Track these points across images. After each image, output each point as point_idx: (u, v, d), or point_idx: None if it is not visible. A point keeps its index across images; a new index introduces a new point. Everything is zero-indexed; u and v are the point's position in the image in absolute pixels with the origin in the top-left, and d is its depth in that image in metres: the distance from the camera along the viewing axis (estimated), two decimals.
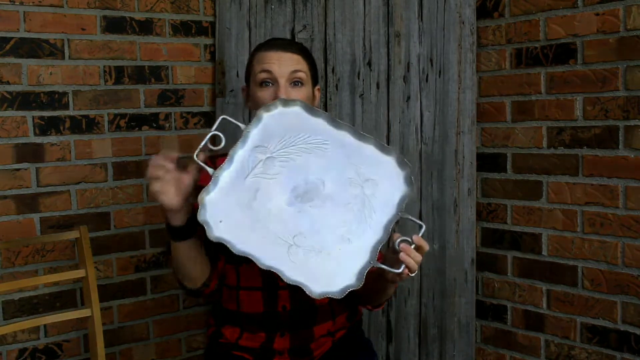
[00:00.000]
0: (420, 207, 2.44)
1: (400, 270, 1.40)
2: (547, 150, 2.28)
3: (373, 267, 1.41)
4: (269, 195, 1.44)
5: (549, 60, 2.25)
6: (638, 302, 2.09)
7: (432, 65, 2.41)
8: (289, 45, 1.67)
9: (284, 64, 1.62)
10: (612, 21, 2.09)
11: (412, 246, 1.41)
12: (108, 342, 2.22)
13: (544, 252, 2.31)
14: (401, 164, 1.47)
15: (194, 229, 1.47)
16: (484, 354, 2.51)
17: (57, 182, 2.21)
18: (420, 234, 1.44)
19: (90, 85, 2.25)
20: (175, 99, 2.43)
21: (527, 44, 2.30)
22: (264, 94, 1.62)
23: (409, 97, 2.41)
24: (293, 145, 1.48)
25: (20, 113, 2.14)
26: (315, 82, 1.72)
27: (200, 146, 1.40)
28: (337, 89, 2.40)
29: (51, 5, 2.16)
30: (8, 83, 2.11)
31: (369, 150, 1.47)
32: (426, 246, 1.43)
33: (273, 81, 1.62)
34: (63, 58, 2.20)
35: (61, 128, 2.21)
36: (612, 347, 2.16)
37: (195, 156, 1.40)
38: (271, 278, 1.61)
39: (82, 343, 2.28)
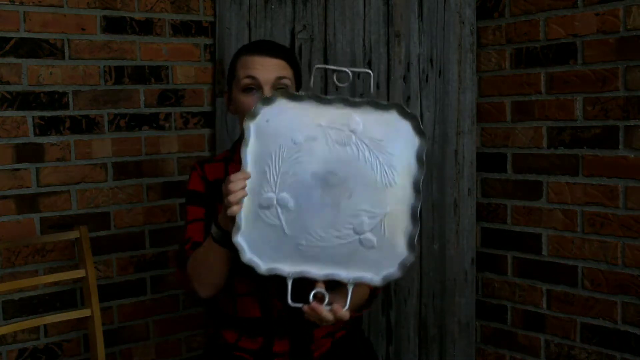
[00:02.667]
0: (420, 207, 2.44)
1: (293, 305, 1.39)
2: (547, 150, 2.28)
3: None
4: (313, 153, 1.40)
5: (549, 60, 2.25)
6: (638, 302, 2.09)
7: (432, 65, 2.41)
8: (274, 50, 1.64)
9: (269, 70, 1.59)
10: (612, 21, 2.09)
11: (325, 305, 1.38)
12: (108, 342, 2.22)
13: (544, 252, 2.31)
14: (402, 267, 1.41)
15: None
16: (484, 354, 2.51)
17: (57, 182, 2.21)
18: (344, 309, 1.39)
19: (90, 85, 2.25)
20: (175, 99, 2.43)
21: (527, 44, 2.30)
22: (248, 100, 1.60)
23: (409, 97, 2.41)
24: (377, 149, 1.42)
25: (20, 113, 2.14)
26: (298, 87, 1.70)
27: (311, 83, 1.44)
28: (337, 89, 2.40)
29: (51, 5, 2.16)
30: (8, 83, 2.11)
31: (403, 221, 1.44)
32: (344, 317, 1.41)
33: (257, 87, 1.60)
34: (63, 58, 2.20)
35: (61, 128, 2.21)
36: (612, 347, 2.16)
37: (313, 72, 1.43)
38: (266, 286, 1.60)
39: (82, 343, 2.28)
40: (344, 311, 1.39)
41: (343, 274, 1.40)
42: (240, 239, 1.40)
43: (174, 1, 2.40)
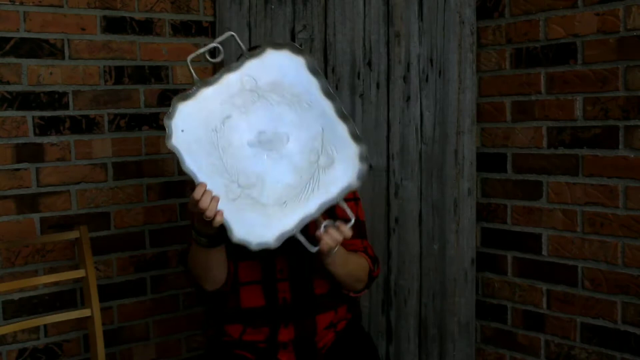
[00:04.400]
0: (420, 207, 2.44)
1: (314, 249, 1.48)
2: (547, 150, 2.28)
3: (293, 236, 1.47)
4: (236, 128, 1.47)
5: (549, 60, 2.25)
6: (638, 302, 2.09)
7: (432, 65, 2.41)
8: None
9: None
10: (612, 21, 2.09)
11: (334, 227, 1.49)
12: (108, 342, 2.22)
13: (544, 252, 2.31)
14: (362, 158, 1.50)
15: (224, 233, 1.49)
16: (484, 354, 2.51)
17: (57, 182, 2.21)
18: (348, 225, 1.49)
19: (90, 85, 2.25)
20: None
21: (527, 44, 2.30)
22: None
23: (409, 97, 2.41)
24: (279, 92, 1.48)
25: (20, 113, 2.14)
26: None
27: (198, 52, 1.44)
28: (337, 88, 2.40)
29: (51, 5, 2.16)
30: (8, 83, 2.11)
31: (343, 131, 1.50)
32: (348, 234, 1.51)
33: None
34: (63, 58, 2.20)
35: (61, 128, 2.21)
36: (612, 347, 2.16)
37: (188, 60, 1.43)
38: (270, 271, 1.65)
39: (82, 343, 2.28)
40: (349, 228, 1.50)
41: (328, 197, 1.50)
42: (238, 236, 1.46)
43: (174, 1, 2.40)
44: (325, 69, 2.40)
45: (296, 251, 1.55)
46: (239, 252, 1.57)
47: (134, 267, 2.38)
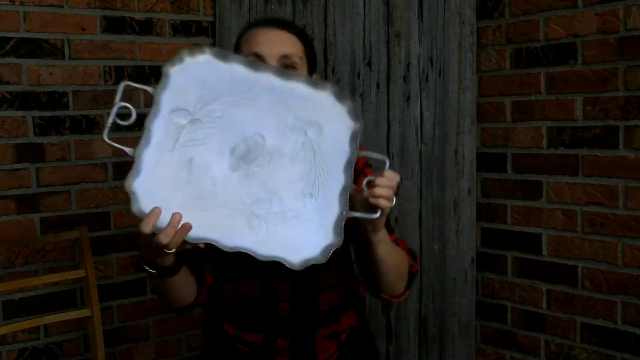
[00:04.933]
0: (420, 207, 2.44)
1: (377, 215, 1.23)
2: (547, 150, 2.28)
3: (348, 217, 1.24)
4: (206, 164, 1.23)
5: (549, 60, 2.25)
6: (638, 302, 2.09)
7: (432, 65, 2.41)
8: (284, 24, 1.43)
9: (274, 45, 1.37)
10: (612, 21, 2.09)
11: (379, 181, 1.24)
12: (108, 342, 2.22)
13: (544, 252, 2.31)
14: (339, 97, 1.28)
15: (181, 258, 1.30)
16: (484, 354, 2.51)
17: (57, 182, 2.21)
18: (386, 166, 1.26)
19: (90, 85, 2.25)
20: None
21: (527, 44, 2.30)
22: None
23: (409, 97, 2.41)
24: (215, 101, 1.25)
25: (20, 113, 2.14)
26: (312, 69, 1.46)
27: (108, 124, 1.19)
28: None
29: (51, 5, 2.16)
30: (8, 83, 2.11)
31: (301, 89, 1.27)
32: (396, 177, 1.26)
33: None
34: (63, 58, 2.20)
35: (61, 128, 2.21)
36: (612, 347, 2.16)
37: (105, 137, 1.19)
38: (271, 291, 1.45)
39: (82, 343, 2.28)
40: (389, 169, 1.26)
41: (345, 156, 1.27)
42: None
43: (174, 1, 2.40)
44: (325, 69, 2.40)
45: (301, 275, 1.31)
46: (238, 271, 1.41)
47: (134, 267, 2.38)
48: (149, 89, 1.20)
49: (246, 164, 1.24)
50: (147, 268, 1.28)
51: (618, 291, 2.13)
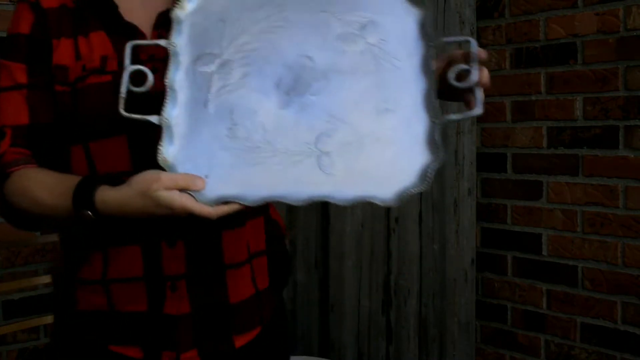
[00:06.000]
0: (420, 207, 2.44)
1: (480, 111, 1.03)
2: (547, 150, 2.28)
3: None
4: (251, 109, 1.01)
5: (549, 60, 2.25)
6: (638, 302, 2.09)
7: None
8: None
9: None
10: (612, 21, 2.09)
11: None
12: None
13: (544, 252, 2.31)
14: None
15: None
16: (484, 354, 2.51)
17: None
18: (472, 49, 1.04)
19: None
20: None
21: (527, 44, 2.30)
22: None
23: None
24: (243, 33, 1.04)
25: None
26: None
27: (122, 94, 0.95)
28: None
29: None
30: None
31: None
32: (485, 55, 1.03)
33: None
34: None
35: None
36: (612, 347, 2.16)
37: (121, 110, 0.94)
38: (156, 265, 1.02)
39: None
40: (475, 52, 1.00)
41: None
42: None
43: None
44: None
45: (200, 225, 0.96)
46: (111, 236, 1.02)
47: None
48: (162, 42, 1.01)
49: (298, 95, 1.01)
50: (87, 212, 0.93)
51: (618, 291, 2.13)
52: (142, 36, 1.04)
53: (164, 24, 1.04)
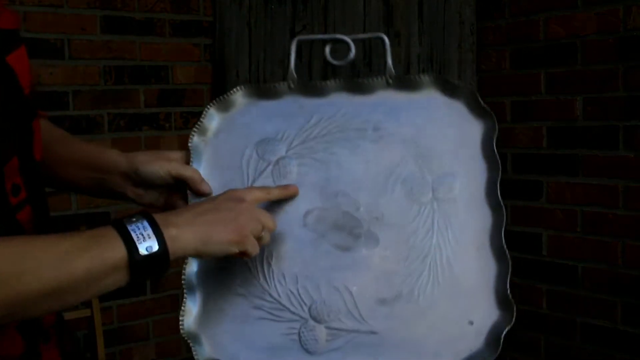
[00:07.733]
0: None
1: None
2: (547, 150, 2.28)
3: None
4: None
5: (549, 60, 2.25)
6: (638, 302, 2.09)
7: (432, 65, 2.41)
8: None
9: None
10: (612, 21, 2.09)
11: None
12: (108, 342, 2.22)
13: (544, 252, 2.31)
14: (477, 110, 0.85)
15: None
16: None
17: None
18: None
19: (90, 85, 2.25)
20: (175, 99, 2.43)
21: (527, 44, 2.30)
22: None
23: None
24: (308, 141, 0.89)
25: None
26: None
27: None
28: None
29: (51, 5, 2.16)
30: None
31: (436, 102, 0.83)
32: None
33: None
34: (63, 58, 2.20)
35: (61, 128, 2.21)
36: (612, 347, 2.16)
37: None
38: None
39: (82, 343, 2.28)
40: None
41: None
42: None
43: (174, 1, 2.40)
44: (325, 69, 2.40)
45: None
46: None
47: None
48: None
49: (323, 233, 0.81)
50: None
51: (618, 291, 2.13)
52: None
53: None
